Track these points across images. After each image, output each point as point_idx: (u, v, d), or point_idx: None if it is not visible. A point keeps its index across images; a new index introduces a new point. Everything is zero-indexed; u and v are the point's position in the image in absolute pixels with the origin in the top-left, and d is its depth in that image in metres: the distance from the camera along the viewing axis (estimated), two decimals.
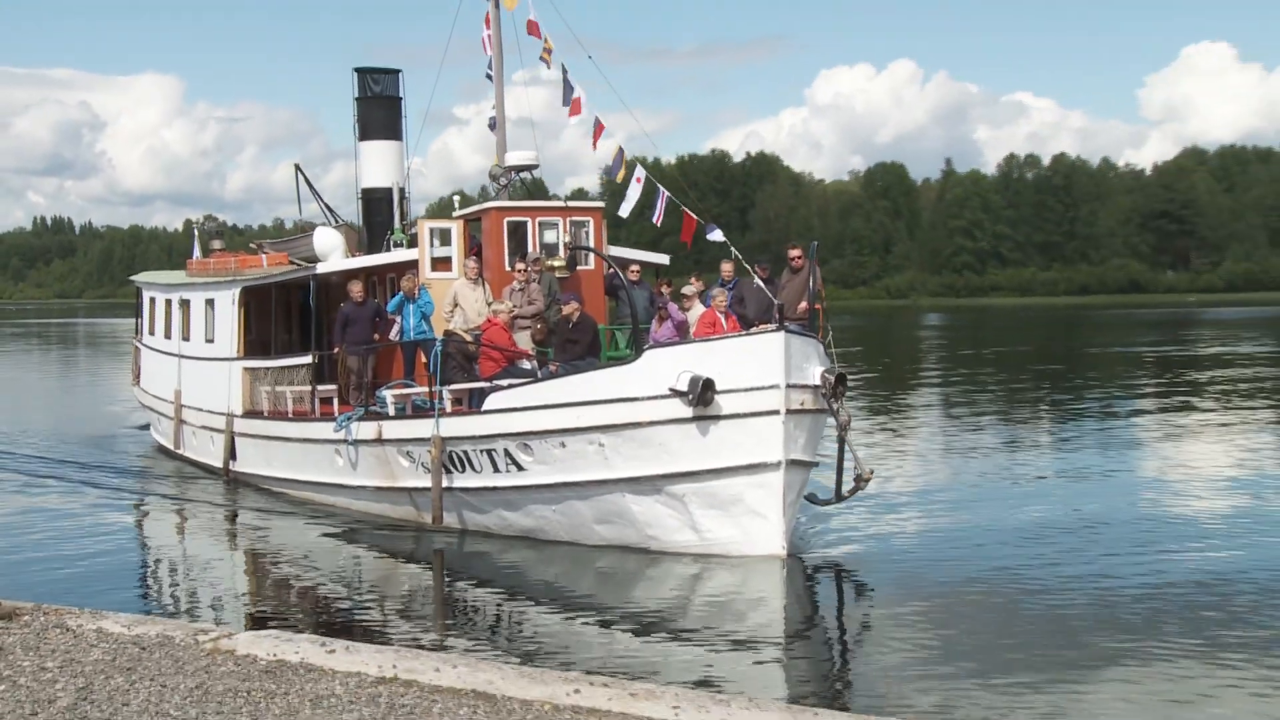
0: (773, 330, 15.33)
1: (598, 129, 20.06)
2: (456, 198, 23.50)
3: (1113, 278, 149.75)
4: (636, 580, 15.32)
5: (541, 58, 20.12)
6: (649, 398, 15.37)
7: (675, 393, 15.15)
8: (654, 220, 19.61)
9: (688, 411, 15.17)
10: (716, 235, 18.45)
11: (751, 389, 15.17)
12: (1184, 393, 39.39)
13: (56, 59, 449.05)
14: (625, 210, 19.44)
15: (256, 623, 13.54)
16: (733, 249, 18.23)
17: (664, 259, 23.65)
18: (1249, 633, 12.50)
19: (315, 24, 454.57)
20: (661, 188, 19.24)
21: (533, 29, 20.29)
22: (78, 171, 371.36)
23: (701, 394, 14.90)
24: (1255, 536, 17.43)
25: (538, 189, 22.73)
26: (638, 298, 19.59)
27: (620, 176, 19.72)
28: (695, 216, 18.84)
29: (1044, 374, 47.55)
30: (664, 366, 15.33)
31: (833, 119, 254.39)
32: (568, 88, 19.94)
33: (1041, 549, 16.59)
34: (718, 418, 15.17)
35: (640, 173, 19.26)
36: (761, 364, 15.17)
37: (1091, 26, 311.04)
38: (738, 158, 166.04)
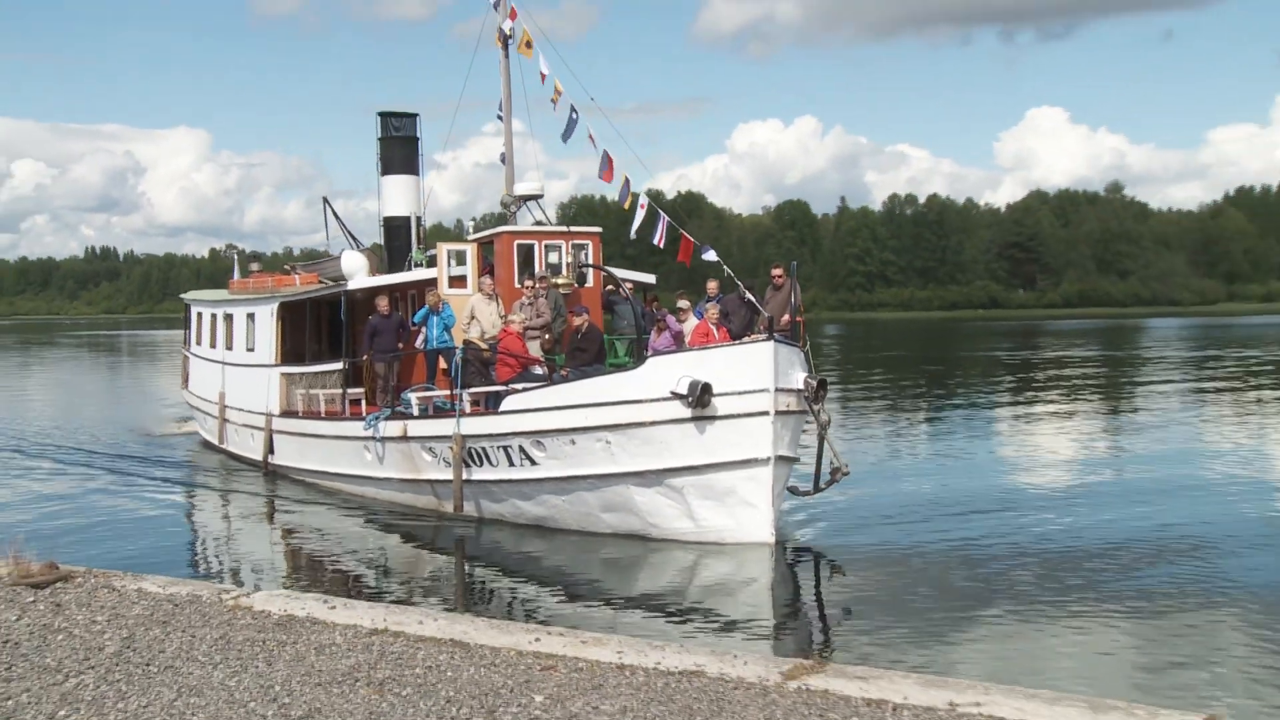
0: (763, 340, 14.81)
1: (608, 163, 19.46)
2: (470, 224, 23.36)
3: (976, 296, 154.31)
4: (639, 563, 14.65)
5: (552, 99, 19.69)
6: (652, 400, 14.84)
7: (676, 395, 14.62)
8: (656, 242, 19.07)
9: (687, 412, 14.61)
10: (710, 255, 17.99)
11: (744, 392, 14.63)
12: (1035, 387, 41.28)
13: (107, 116, 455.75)
14: (634, 232, 19.04)
15: (285, 585, 13.43)
16: (725, 267, 17.71)
17: (650, 278, 22.95)
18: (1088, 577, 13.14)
19: (321, 86, 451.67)
20: (662, 213, 18.80)
21: (543, 77, 19.90)
22: (123, 209, 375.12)
23: (700, 396, 14.38)
24: (1106, 502, 18.25)
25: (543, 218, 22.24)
26: (629, 313, 19.20)
27: (628, 204, 19.04)
28: (692, 239, 18.33)
29: (925, 373, 48.88)
30: (665, 372, 14.83)
31: (749, 164, 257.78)
32: (570, 124, 19.53)
33: (960, 518, 16.95)
34: (714, 418, 14.64)
35: (644, 200, 18.88)
36: (753, 370, 14.65)
37: (957, 92, 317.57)
38: (670, 195, 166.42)
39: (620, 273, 20.94)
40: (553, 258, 19.80)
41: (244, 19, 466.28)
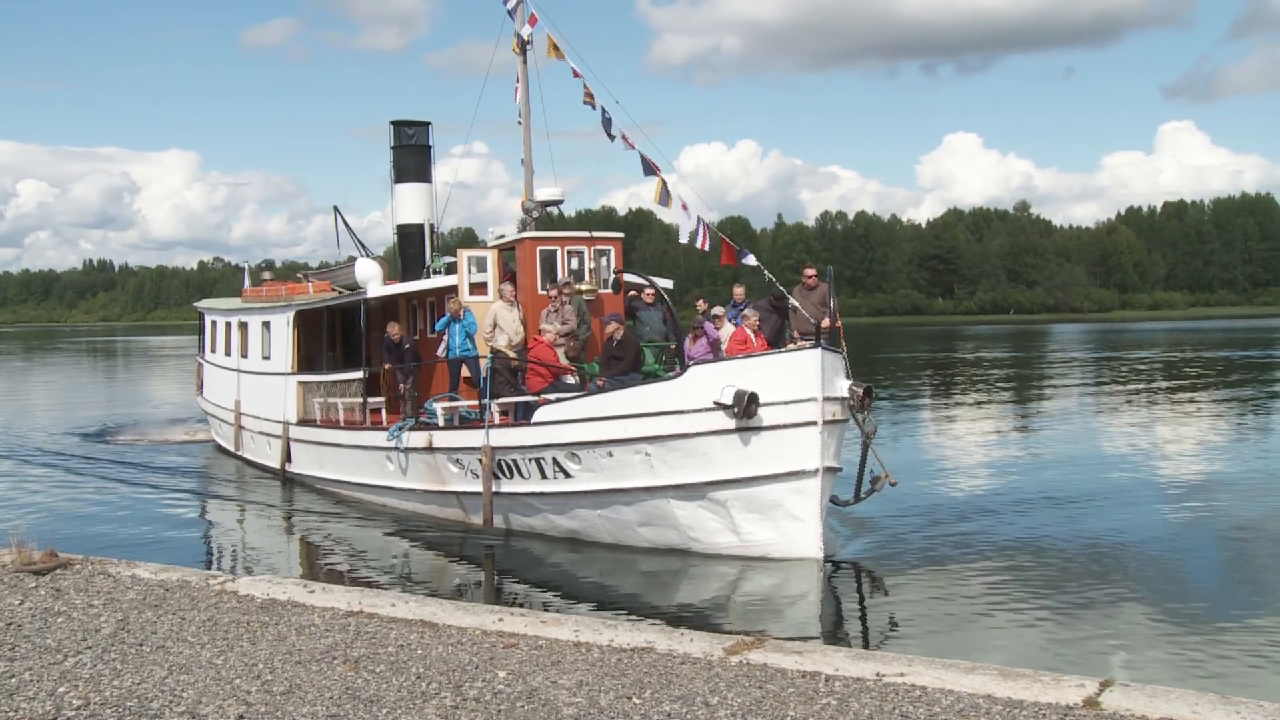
0: (810, 348, 13.70)
1: (651, 164, 17.54)
2: (491, 230, 22.37)
3: (900, 303, 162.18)
4: (679, 578, 13.63)
5: (585, 101, 17.90)
6: (694, 410, 13.57)
7: (720, 406, 13.38)
8: (699, 246, 17.34)
9: (731, 423, 13.43)
10: (750, 260, 16.54)
11: (791, 402, 13.44)
12: (958, 385, 43.96)
13: (105, 139, 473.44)
14: (684, 238, 17.20)
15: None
16: (766, 272, 16.31)
17: (668, 283, 21.36)
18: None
19: (304, 110, 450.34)
20: (703, 219, 17.27)
21: (579, 75, 18.24)
22: (119, 224, 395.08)
23: (747, 407, 13.19)
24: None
25: (560, 220, 20.81)
26: (654, 318, 18.10)
27: (670, 205, 17.13)
28: (733, 244, 16.92)
29: (859, 374, 48.84)
30: (708, 381, 13.58)
31: (694, 183, 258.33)
32: (607, 121, 17.56)
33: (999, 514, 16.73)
34: (759, 429, 13.47)
35: (681, 202, 17.29)
36: (800, 379, 13.48)
37: (883, 119, 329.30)
38: (622, 212, 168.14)
39: (638, 279, 19.64)
40: (574, 263, 18.51)
41: (234, 49, 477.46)
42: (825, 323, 15.17)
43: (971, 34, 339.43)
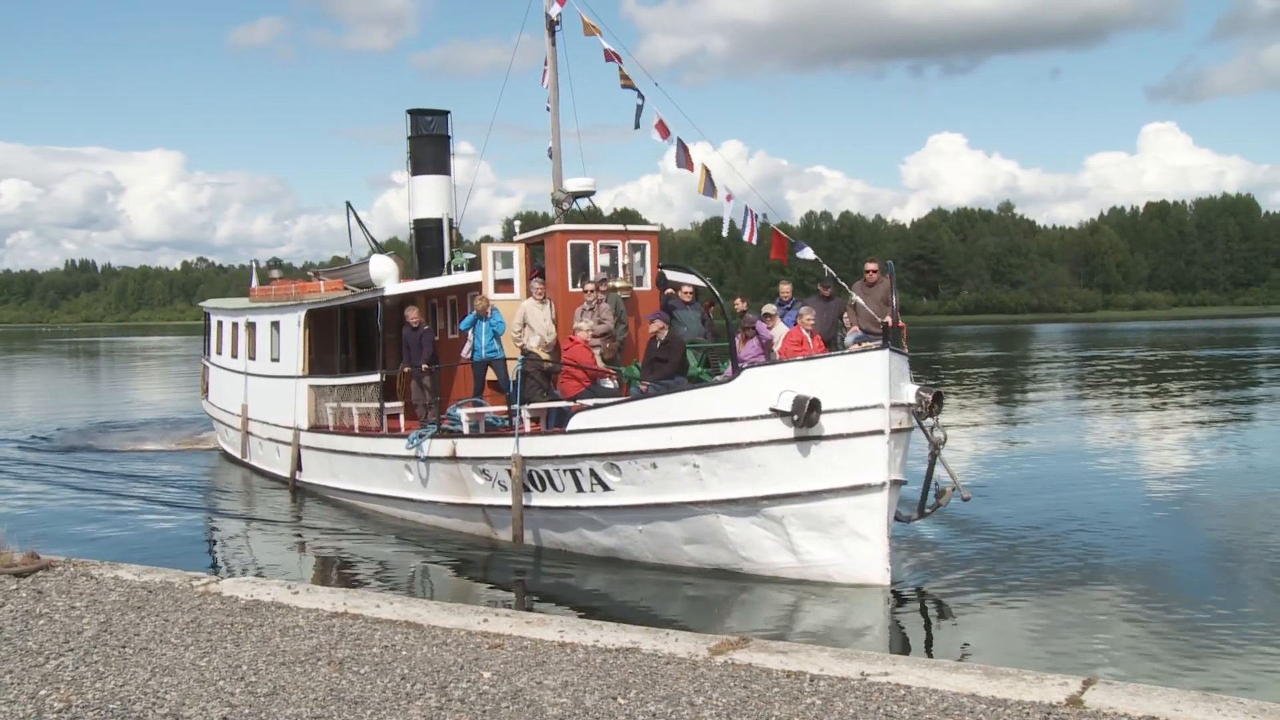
0: (877, 349, 12.39)
1: (685, 152, 16.43)
2: (517, 222, 20.59)
3: None
4: (730, 603, 12.29)
5: (624, 85, 16.68)
6: (748, 418, 12.28)
7: (777, 413, 12.08)
8: (745, 239, 16.18)
9: (789, 432, 12.13)
10: (807, 254, 15.17)
11: (856, 409, 12.11)
12: (948, 383, 44.06)
13: (89, 139, 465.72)
14: (725, 230, 16.32)
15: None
16: (826, 267, 15.22)
17: (701, 281, 19.21)
18: None
19: (289, 110, 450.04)
20: (750, 209, 15.98)
21: (611, 56, 16.98)
22: (102, 225, 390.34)
23: (808, 415, 11.88)
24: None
25: (593, 214, 19.25)
26: (691, 318, 16.92)
27: (715, 195, 16.00)
28: (785, 236, 15.38)
29: None
30: (764, 386, 12.27)
31: (680, 184, 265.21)
32: (639, 109, 16.61)
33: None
34: (820, 438, 12.13)
35: (726, 193, 15.98)
36: (866, 383, 12.15)
37: (869, 119, 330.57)
38: (608, 211, 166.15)
39: (678, 276, 18.50)
40: (604, 260, 17.26)
41: (220, 49, 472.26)
42: (887, 319, 13.52)
43: (958, 35, 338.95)
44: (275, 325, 21.92)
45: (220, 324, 26.28)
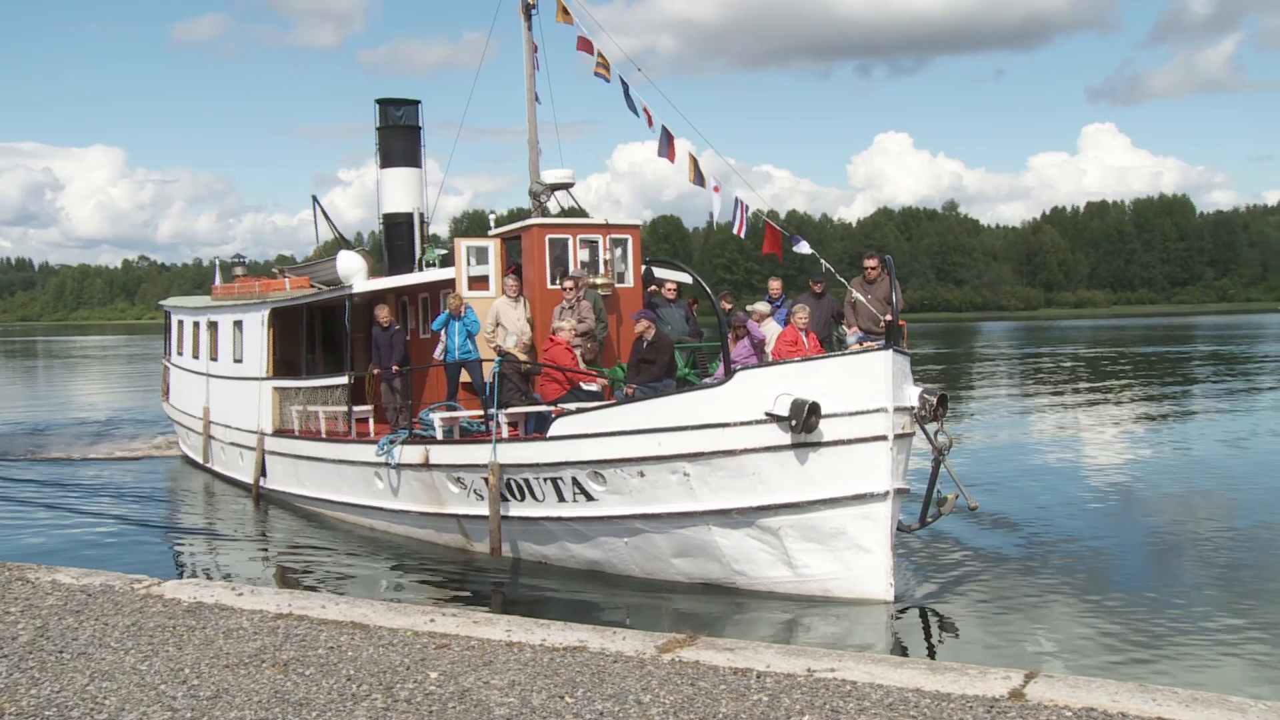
0: (879, 349, 11.61)
1: (669, 141, 15.78)
2: (493, 216, 19.46)
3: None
4: (722, 621, 11.40)
5: (597, 73, 15.96)
6: (742, 423, 11.41)
7: (773, 417, 11.26)
8: (735, 233, 15.26)
9: (786, 438, 11.29)
10: (803, 248, 14.45)
11: (857, 413, 11.29)
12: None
13: (26, 134, 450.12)
14: (715, 221, 15.50)
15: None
16: (823, 262, 14.44)
17: (686, 277, 17.80)
18: None
19: (233, 107, 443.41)
20: (741, 200, 15.16)
21: (584, 45, 16.24)
22: (40, 222, 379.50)
23: (806, 419, 11.03)
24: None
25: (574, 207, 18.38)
26: (675, 316, 16.00)
27: (704, 184, 15.38)
28: (780, 229, 14.63)
29: None
30: (758, 389, 11.42)
31: (628, 182, 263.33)
32: (628, 101, 16.00)
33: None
34: (819, 444, 11.29)
35: (714, 184, 15.24)
36: (868, 386, 11.32)
37: (815, 119, 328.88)
38: (554, 210, 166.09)
39: (665, 272, 17.78)
40: (584, 255, 16.36)
41: (162, 44, 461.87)
42: (889, 317, 12.83)
43: (905, 35, 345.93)
44: (238, 324, 20.94)
45: (181, 323, 25.24)
